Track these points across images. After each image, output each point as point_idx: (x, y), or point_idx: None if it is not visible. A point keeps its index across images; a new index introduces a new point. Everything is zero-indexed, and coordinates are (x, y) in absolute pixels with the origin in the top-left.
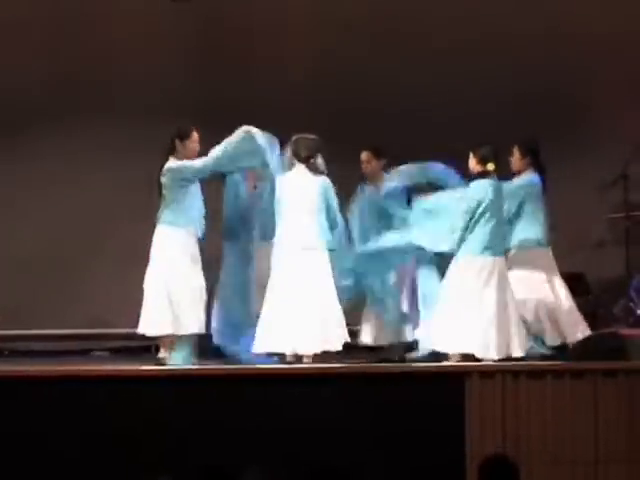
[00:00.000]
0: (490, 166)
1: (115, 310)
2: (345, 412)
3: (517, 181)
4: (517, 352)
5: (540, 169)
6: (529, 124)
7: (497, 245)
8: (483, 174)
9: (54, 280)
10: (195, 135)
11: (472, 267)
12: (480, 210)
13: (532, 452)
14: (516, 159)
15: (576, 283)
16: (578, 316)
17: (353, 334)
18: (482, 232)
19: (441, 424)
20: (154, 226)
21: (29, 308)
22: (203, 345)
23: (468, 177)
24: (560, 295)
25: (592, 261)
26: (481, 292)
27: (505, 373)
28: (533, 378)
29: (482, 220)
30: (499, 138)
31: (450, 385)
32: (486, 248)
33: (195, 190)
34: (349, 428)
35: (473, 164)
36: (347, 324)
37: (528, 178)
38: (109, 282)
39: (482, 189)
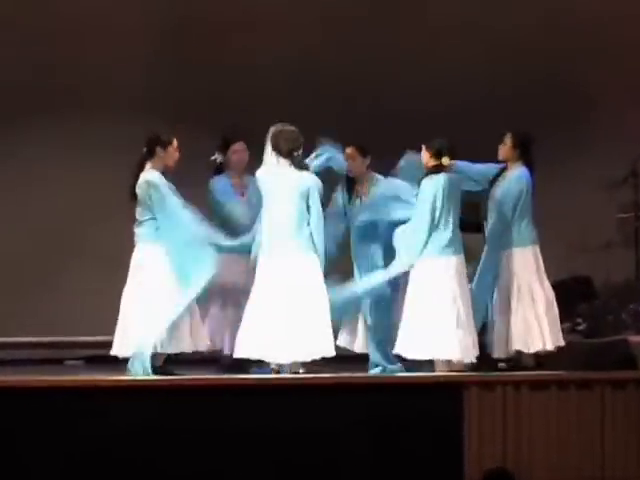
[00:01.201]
0: (445, 160)
1: (90, 317)
2: (337, 424)
3: (511, 178)
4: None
5: (529, 163)
6: (532, 120)
7: (457, 243)
8: (437, 169)
9: (24, 285)
10: (175, 142)
11: (432, 267)
12: (436, 206)
13: (534, 469)
14: (507, 147)
15: (582, 287)
16: (550, 325)
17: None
18: (440, 231)
19: (438, 438)
20: (131, 230)
21: None
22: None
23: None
24: (535, 301)
25: (599, 264)
26: (441, 293)
27: (506, 384)
28: (536, 389)
29: (439, 218)
30: (498, 134)
31: (447, 396)
32: (446, 248)
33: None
34: (342, 440)
35: (427, 158)
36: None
37: (521, 174)
38: (83, 287)
39: (432, 185)
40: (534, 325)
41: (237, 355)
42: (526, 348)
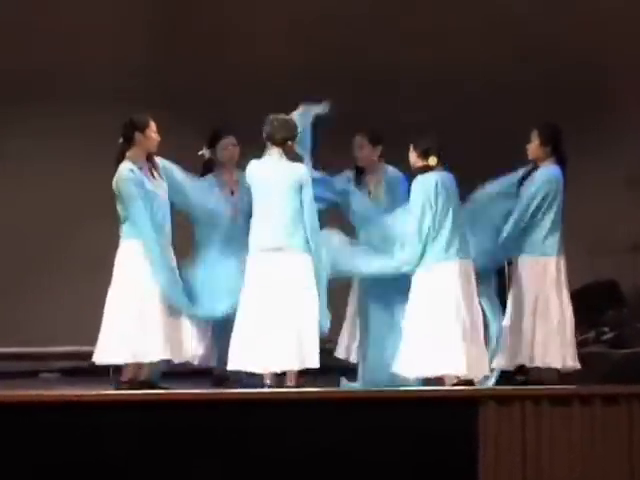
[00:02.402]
0: (432, 160)
1: (66, 326)
2: (343, 441)
3: (539, 176)
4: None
5: (562, 160)
6: (551, 110)
7: (460, 245)
8: (425, 169)
9: None
10: (153, 124)
11: (433, 273)
12: (429, 209)
13: None
14: (535, 146)
15: (608, 292)
16: (564, 344)
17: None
18: (437, 234)
19: (451, 457)
20: (115, 229)
21: None
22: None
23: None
24: (554, 316)
25: (626, 267)
26: (443, 302)
27: (525, 399)
28: (557, 404)
29: (434, 222)
30: (518, 125)
31: (461, 412)
32: (446, 251)
33: (152, 194)
34: (347, 459)
35: (414, 158)
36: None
37: (552, 172)
38: (60, 293)
39: (425, 183)
40: (543, 340)
41: (230, 368)
42: (531, 362)
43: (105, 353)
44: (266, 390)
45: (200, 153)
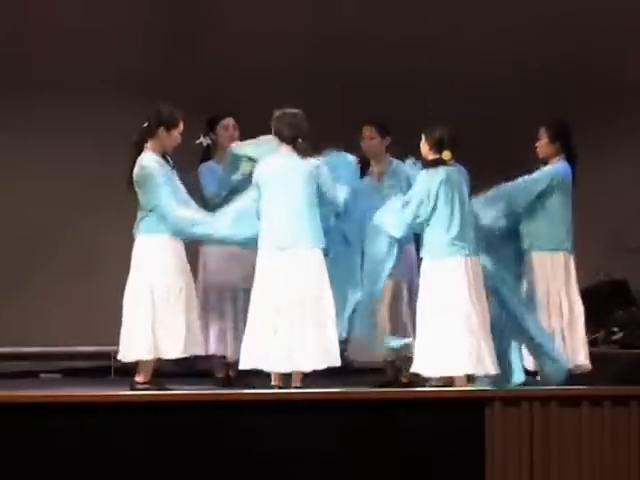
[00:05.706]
0: (446, 155)
1: (67, 325)
2: (347, 442)
3: (545, 168)
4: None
5: (571, 157)
6: (561, 104)
7: (466, 242)
8: (436, 162)
9: None
10: (182, 126)
11: (440, 271)
12: (431, 202)
13: None
14: (544, 144)
15: (618, 292)
16: (576, 342)
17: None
18: (442, 229)
19: (456, 460)
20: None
21: None
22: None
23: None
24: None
25: (637, 266)
26: (452, 299)
27: (532, 400)
28: (566, 405)
29: (437, 215)
30: (528, 118)
31: (467, 414)
32: (452, 247)
33: (174, 183)
34: (351, 459)
35: (426, 150)
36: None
37: (559, 166)
38: (60, 293)
39: (430, 178)
40: (558, 338)
41: (242, 367)
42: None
43: (131, 351)
44: (275, 391)
45: (198, 141)
